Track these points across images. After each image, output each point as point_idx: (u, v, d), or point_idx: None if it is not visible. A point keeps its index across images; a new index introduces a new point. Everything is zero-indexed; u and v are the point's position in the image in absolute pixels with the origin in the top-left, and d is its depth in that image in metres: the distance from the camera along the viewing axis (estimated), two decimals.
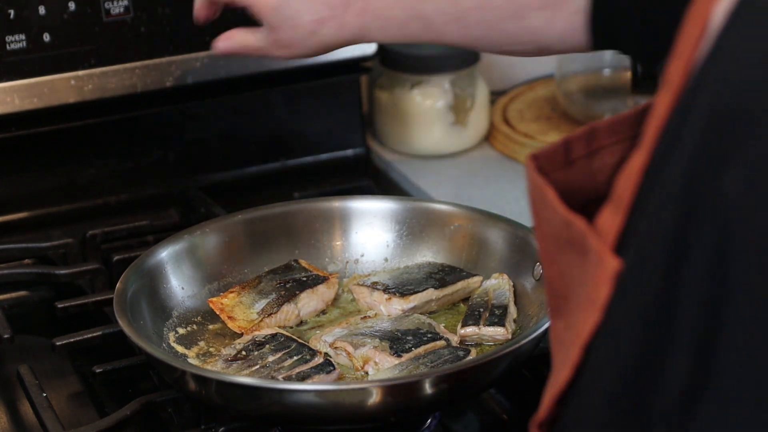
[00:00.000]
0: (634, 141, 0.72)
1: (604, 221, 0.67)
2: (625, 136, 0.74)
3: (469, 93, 1.60)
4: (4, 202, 1.45)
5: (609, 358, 0.65)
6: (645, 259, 0.63)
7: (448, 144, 1.61)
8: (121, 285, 1.16)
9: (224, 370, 1.10)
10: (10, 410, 1.20)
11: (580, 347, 0.67)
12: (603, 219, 0.67)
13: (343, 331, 1.16)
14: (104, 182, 1.49)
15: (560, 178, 0.72)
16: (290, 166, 1.58)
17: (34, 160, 1.46)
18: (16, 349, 1.26)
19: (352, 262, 1.30)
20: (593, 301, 0.66)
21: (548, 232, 0.72)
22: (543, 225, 0.72)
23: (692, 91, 0.60)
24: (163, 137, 1.51)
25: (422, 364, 1.09)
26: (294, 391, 1.02)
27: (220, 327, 1.20)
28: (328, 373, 1.09)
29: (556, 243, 0.71)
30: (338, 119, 1.59)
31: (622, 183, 0.65)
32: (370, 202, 1.31)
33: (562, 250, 0.71)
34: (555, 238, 0.71)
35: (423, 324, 1.16)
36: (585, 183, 0.74)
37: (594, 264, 0.66)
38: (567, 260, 0.71)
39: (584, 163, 0.74)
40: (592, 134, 0.74)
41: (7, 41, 1.37)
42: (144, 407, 1.11)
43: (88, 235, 1.40)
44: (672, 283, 0.60)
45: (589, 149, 0.74)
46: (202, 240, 1.26)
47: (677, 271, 0.60)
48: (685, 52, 0.61)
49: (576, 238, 0.68)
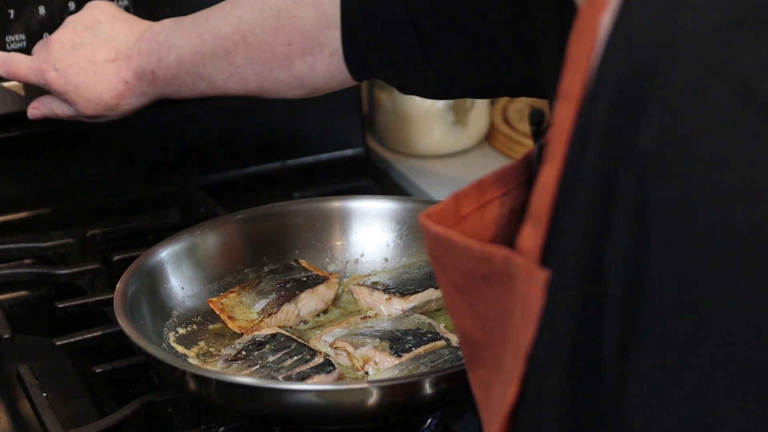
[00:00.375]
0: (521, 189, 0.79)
1: (525, 239, 0.70)
2: (512, 186, 0.79)
3: None
4: (4, 202, 1.45)
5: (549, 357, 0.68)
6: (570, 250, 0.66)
7: (448, 144, 1.61)
8: (121, 285, 1.16)
9: (224, 370, 1.10)
10: (10, 410, 1.20)
11: (523, 359, 0.70)
12: (523, 238, 0.70)
13: (343, 331, 1.16)
14: (104, 182, 1.49)
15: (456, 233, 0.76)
16: (290, 166, 1.58)
17: (34, 160, 1.46)
18: (16, 349, 1.26)
19: (352, 262, 1.30)
20: (527, 316, 0.69)
21: (456, 281, 0.76)
22: (449, 276, 0.76)
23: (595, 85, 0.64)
24: (163, 137, 1.51)
25: (422, 364, 1.09)
26: (294, 391, 1.02)
27: (220, 327, 1.20)
28: (328, 373, 1.09)
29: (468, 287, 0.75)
30: (338, 119, 1.59)
31: (537, 198, 0.69)
32: (370, 202, 1.31)
33: (476, 291, 0.75)
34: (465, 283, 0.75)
35: (423, 324, 1.16)
36: (481, 235, 0.78)
37: (523, 282, 0.70)
38: (483, 300, 0.74)
39: (476, 216, 0.78)
40: (480, 188, 0.79)
41: (7, 41, 1.37)
42: (144, 407, 1.11)
43: (88, 235, 1.40)
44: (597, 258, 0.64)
45: (479, 203, 0.79)
46: (202, 240, 1.26)
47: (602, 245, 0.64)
48: (581, 63, 0.65)
49: (497, 267, 0.72)
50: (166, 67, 1.25)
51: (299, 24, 1.21)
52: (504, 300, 0.73)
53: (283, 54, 1.22)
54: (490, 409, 0.77)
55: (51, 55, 1.27)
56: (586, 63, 0.66)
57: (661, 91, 0.61)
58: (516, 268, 0.70)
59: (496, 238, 0.79)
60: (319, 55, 1.22)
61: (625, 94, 0.62)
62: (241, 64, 1.23)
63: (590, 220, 0.65)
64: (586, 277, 0.65)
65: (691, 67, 0.60)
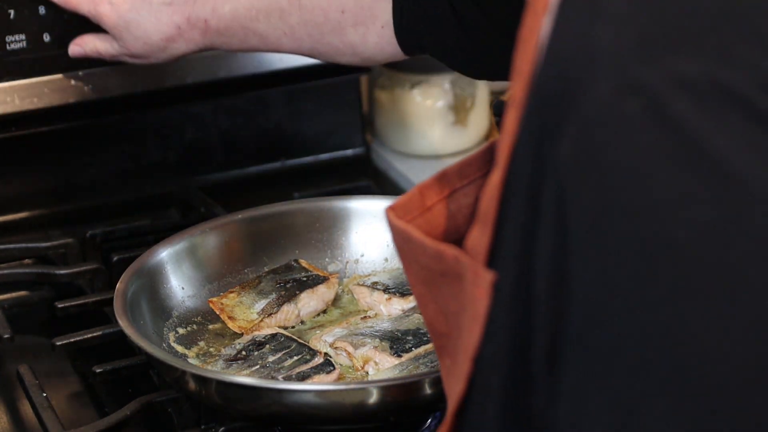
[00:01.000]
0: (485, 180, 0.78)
1: (474, 241, 0.71)
2: (475, 177, 0.80)
3: (469, 93, 1.60)
4: (4, 202, 1.45)
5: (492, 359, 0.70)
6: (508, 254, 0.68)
7: (448, 144, 1.61)
8: (121, 285, 1.16)
9: (224, 370, 1.10)
10: (10, 410, 1.20)
11: (470, 360, 0.71)
12: (472, 239, 0.71)
13: (343, 331, 1.16)
14: (104, 182, 1.49)
15: (421, 224, 0.78)
16: (290, 166, 1.58)
17: (34, 160, 1.46)
18: (16, 349, 1.26)
19: (352, 262, 1.30)
20: (474, 317, 0.70)
21: (420, 275, 0.77)
22: (413, 268, 0.77)
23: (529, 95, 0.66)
24: (163, 137, 1.51)
25: (422, 364, 1.09)
26: (294, 391, 1.02)
27: (220, 327, 1.20)
28: (328, 373, 1.09)
29: (430, 281, 0.76)
30: (338, 119, 1.59)
31: (484, 201, 0.70)
32: (370, 202, 1.31)
33: (436, 286, 0.76)
34: (427, 277, 0.76)
35: (423, 324, 1.16)
36: (446, 226, 0.79)
37: (470, 283, 0.71)
38: (443, 295, 0.75)
39: (441, 207, 0.80)
40: (444, 179, 0.80)
41: (7, 41, 1.37)
42: (144, 407, 1.11)
43: (88, 235, 1.40)
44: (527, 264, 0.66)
45: (443, 194, 0.80)
46: (202, 240, 1.26)
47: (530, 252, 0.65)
48: (523, 69, 0.67)
49: (449, 266, 0.73)
50: (220, 17, 1.25)
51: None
52: (458, 297, 0.74)
53: (336, 20, 1.23)
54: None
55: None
56: (527, 69, 0.67)
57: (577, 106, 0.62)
58: (465, 268, 0.72)
59: (460, 229, 0.80)
60: (371, 26, 1.23)
61: (550, 106, 0.64)
62: (295, 24, 1.24)
63: (522, 226, 0.66)
64: (519, 282, 0.67)
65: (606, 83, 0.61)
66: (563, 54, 0.63)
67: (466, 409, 0.73)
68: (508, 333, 0.68)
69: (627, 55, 0.61)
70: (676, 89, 0.60)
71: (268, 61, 1.49)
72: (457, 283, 0.73)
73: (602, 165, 0.61)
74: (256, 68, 1.49)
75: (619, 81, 0.61)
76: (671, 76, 0.60)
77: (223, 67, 1.47)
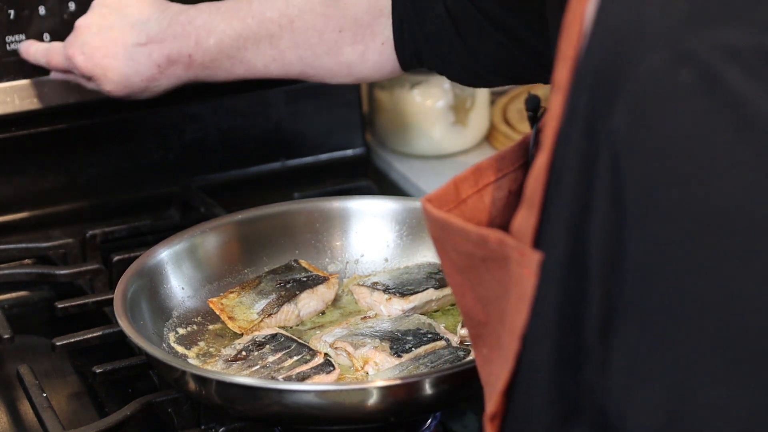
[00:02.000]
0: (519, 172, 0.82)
1: (520, 223, 0.73)
2: (510, 170, 0.83)
3: (469, 93, 1.60)
4: (4, 202, 1.45)
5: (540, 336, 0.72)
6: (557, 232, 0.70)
7: (448, 144, 1.61)
8: (121, 285, 1.16)
9: (224, 370, 1.10)
10: (10, 410, 1.20)
11: (518, 338, 0.73)
12: (518, 222, 0.74)
13: (344, 331, 1.16)
14: (104, 182, 1.49)
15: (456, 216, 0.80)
16: (290, 166, 1.58)
17: (34, 160, 1.46)
18: (16, 349, 1.26)
19: (352, 263, 1.30)
20: (521, 297, 0.72)
21: (458, 263, 0.79)
22: (451, 258, 0.79)
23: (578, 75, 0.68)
24: (163, 137, 1.51)
25: (422, 365, 1.09)
26: (294, 391, 1.02)
27: (220, 327, 1.20)
28: (328, 373, 1.09)
29: (469, 269, 0.78)
30: (338, 119, 1.59)
31: (530, 184, 0.72)
32: (370, 202, 1.31)
33: (476, 273, 0.77)
34: (466, 264, 0.78)
35: (423, 324, 1.16)
36: (480, 218, 0.81)
37: (516, 264, 0.73)
38: (482, 282, 0.77)
39: (476, 199, 0.82)
40: (478, 172, 0.82)
41: (7, 41, 1.37)
42: (144, 407, 1.12)
43: (88, 235, 1.40)
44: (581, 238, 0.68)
45: (478, 187, 0.82)
46: (202, 240, 1.26)
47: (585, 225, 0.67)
48: (568, 54, 0.69)
49: (492, 250, 0.75)
50: (204, 50, 1.24)
51: (351, 11, 1.21)
52: (501, 281, 0.75)
53: (332, 41, 1.22)
54: (490, 385, 0.79)
55: (78, 38, 1.27)
56: (573, 54, 0.69)
57: (630, 78, 0.64)
58: (510, 250, 0.73)
59: (494, 220, 0.82)
60: (371, 43, 1.22)
61: (601, 82, 0.66)
62: (286, 48, 1.23)
63: (574, 202, 0.68)
64: (572, 256, 0.69)
65: (658, 55, 0.64)
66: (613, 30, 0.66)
67: (515, 387, 0.75)
68: (557, 309, 0.70)
69: (678, 27, 0.64)
70: (726, 59, 0.62)
71: None
72: (501, 266, 0.75)
73: (656, 134, 0.63)
74: None
75: (672, 53, 0.63)
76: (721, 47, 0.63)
77: None
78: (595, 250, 0.67)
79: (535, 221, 0.72)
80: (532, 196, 0.72)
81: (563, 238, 0.69)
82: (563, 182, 0.69)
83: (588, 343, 0.68)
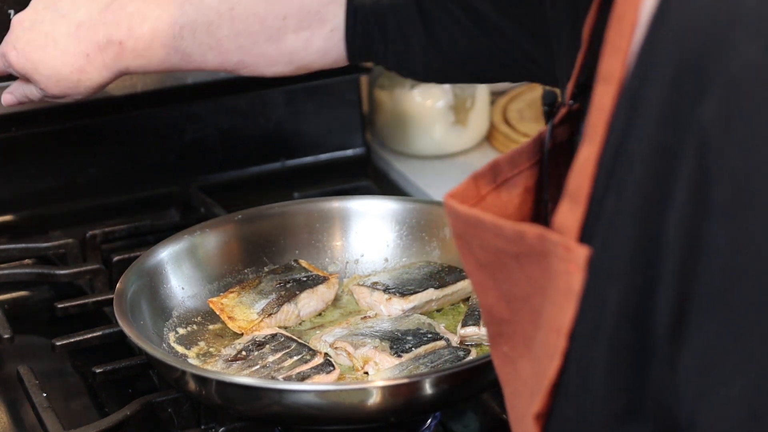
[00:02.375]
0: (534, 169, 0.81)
1: (563, 217, 0.71)
2: (526, 166, 0.82)
3: (469, 93, 1.60)
4: (4, 202, 1.45)
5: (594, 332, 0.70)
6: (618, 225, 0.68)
7: (448, 144, 1.61)
8: (121, 285, 1.16)
9: (224, 370, 1.10)
10: (10, 410, 1.20)
11: (565, 336, 0.71)
12: (560, 216, 0.72)
13: (344, 331, 1.16)
14: (104, 182, 1.49)
15: None
16: (290, 166, 1.58)
17: (34, 160, 1.46)
18: (16, 349, 1.26)
19: (352, 262, 1.30)
20: (567, 293, 0.70)
21: (482, 260, 0.77)
22: (475, 254, 0.78)
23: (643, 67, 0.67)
24: (163, 137, 1.51)
25: (422, 364, 1.09)
26: (294, 391, 1.02)
27: (220, 327, 1.20)
28: (328, 373, 1.09)
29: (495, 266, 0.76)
30: (338, 119, 1.59)
31: (575, 178, 0.71)
32: (370, 202, 1.31)
33: (503, 270, 0.76)
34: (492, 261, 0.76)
35: (423, 324, 1.16)
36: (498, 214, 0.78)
37: (560, 259, 0.71)
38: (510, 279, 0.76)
39: (494, 197, 0.81)
40: (496, 169, 0.81)
41: None
42: (144, 407, 1.12)
43: (88, 235, 1.40)
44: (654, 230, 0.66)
45: (496, 183, 0.81)
46: (202, 240, 1.26)
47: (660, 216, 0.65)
48: (620, 45, 0.68)
49: (530, 245, 0.73)
50: (137, 37, 1.18)
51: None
52: (535, 278, 0.74)
53: (275, 27, 1.18)
54: (515, 383, 0.78)
55: (11, 35, 1.23)
56: (626, 46, 0.68)
57: (723, 68, 0.63)
58: (552, 245, 0.72)
59: (511, 217, 0.81)
60: (317, 29, 1.18)
61: (686, 72, 0.64)
62: (224, 36, 1.18)
63: (645, 193, 0.66)
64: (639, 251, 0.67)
65: (754, 44, 0.62)
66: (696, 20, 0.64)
67: (564, 385, 0.73)
68: (616, 305, 0.68)
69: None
70: None
71: None
72: (536, 262, 0.73)
73: (751, 125, 0.62)
74: None
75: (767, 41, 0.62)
76: None
77: None
78: (673, 244, 0.65)
79: (581, 215, 0.71)
80: (578, 190, 0.71)
81: (628, 232, 0.67)
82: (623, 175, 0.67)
83: (654, 340, 0.67)
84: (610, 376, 0.70)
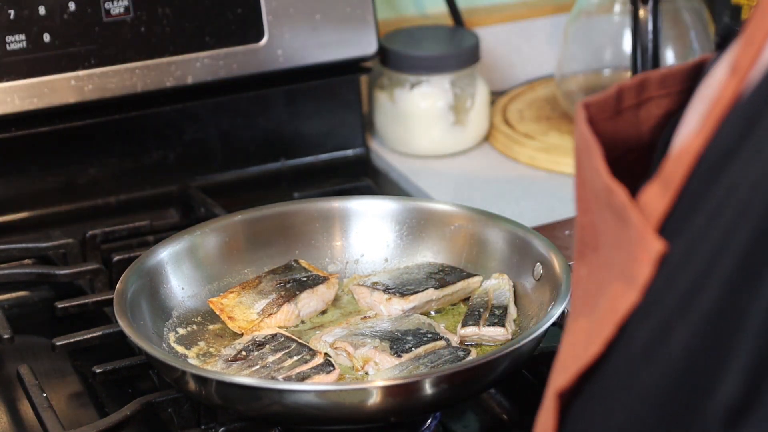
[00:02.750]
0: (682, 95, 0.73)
1: (650, 199, 0.65)
2: (675, 90, 0.74)
3: (469, 93, 1.60)
4: (4, 202, 1.45)
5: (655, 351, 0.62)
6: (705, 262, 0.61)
7: (448, 144, 1.61)
8: (121, 285, 1.16)
9: (224, 370, 1.10)
10: (10, 410, 1.20)
11: (615, 324, 0.64)
12: (648, 196, 0.65)
13: (343, 331, 1.16)
14: (104, 182, 1.49)
15: (608, 128, 0.72)
16: (290, 166, 1.58)
17: (34, 160, 1.46)
18: (16, 349, 1.26)
19: (352, 263, 1.30)
20: (631, 278, 0.64)
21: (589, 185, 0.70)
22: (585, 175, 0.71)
23: None
24: (163, 137, 1.51)
25: (422, 364, 1.09)
26: (294, 391, 1.02)
27: (220, 327, 1.20)
28: (328, 373, 1.09)
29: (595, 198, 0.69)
30: (338, 119, 1.59)
31: (673, 163, 0.64)
32: (370, 202, 1.31)
33: (600, 206, 0.69)
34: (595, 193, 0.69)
35: (423, 324, 1.16)
36: (630, 132, 0.74)
37: (634, 239, 0.64)
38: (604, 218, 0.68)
39: (632, 113, 0.74)
40: (644, 84, 0.74)
41: (7, 41, 1.37)
42: (144, 407, 1.11)
43: (88, 235, 1.40)
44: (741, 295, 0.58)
45: (639, 99, 0.74)
46: (202, 240, 1.26)
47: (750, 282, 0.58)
48: (757, 38, 0.62)
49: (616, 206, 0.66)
50: None
51: None
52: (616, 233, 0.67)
53: None
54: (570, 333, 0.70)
55: None
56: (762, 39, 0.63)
57: None
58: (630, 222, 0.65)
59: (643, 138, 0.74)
60: None
61: None
62: None
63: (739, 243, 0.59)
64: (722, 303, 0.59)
65: None
66: None
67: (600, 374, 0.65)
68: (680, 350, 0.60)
69: None
70: None
71: (268, 61, 1.49)
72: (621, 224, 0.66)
73: None
74: (256, 68, 1.49)
75: None
76: None
77: (223, 67, 1.47)
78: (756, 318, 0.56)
79: (667, 205, 0.64)
80: (672, 176, 0.64)
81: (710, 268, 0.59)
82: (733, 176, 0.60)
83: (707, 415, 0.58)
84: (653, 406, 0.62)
